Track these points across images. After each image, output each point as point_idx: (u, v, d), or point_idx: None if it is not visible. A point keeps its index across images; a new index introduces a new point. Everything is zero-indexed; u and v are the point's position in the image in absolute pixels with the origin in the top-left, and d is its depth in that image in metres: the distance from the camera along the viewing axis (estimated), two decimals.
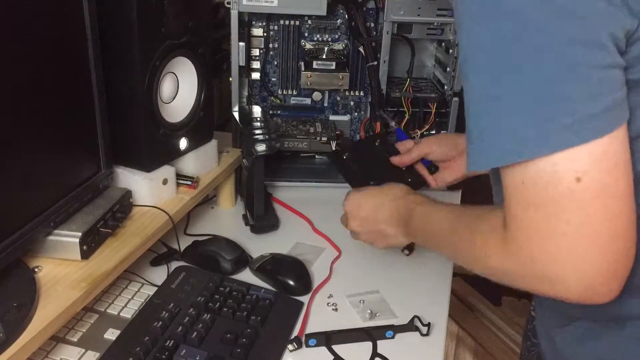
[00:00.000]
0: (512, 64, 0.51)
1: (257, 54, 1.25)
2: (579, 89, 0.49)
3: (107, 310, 0.86)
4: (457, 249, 0.68)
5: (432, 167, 1.11)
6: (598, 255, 0.51)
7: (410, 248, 1.04)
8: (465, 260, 0.65)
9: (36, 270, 0.78)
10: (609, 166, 0.50)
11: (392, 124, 1.23)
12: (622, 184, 0.51)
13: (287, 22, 1.24)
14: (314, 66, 1.23)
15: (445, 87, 1.27)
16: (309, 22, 1.25)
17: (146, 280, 0.93)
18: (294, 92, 1.30)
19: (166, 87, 0.95)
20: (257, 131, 1.04)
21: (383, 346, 0.84)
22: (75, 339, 0.80)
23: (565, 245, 0.51)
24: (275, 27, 1.25)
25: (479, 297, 2.02)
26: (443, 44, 1.29)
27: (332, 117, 1.33)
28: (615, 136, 0.50)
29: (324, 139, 1.26)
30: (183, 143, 1.00)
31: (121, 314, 0.85)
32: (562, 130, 0.50)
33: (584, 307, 0.55)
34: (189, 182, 1.01)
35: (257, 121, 1.07)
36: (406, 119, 1.26)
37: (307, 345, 0.82)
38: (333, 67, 1.23)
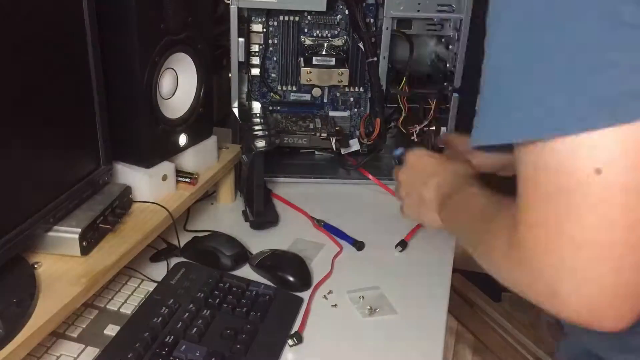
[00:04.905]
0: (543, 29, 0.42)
1: (257, 49, 1.25)
2: (622, 56, 0.40)
3: (107, 306, 0.86)
4: (475, 248, 0.59)
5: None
6: (609, 269, 0.41)
7: (403, 245, 1.05)
8: (482, 262, 0.56)
9: (36, 266, 0.78)
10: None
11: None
12: None
13: (286, 18, 1.24)
14: (314, 62, 1.22)
15: (445, 83, 1.26)
16: (309, 17, 1.25)
17: (146, 276, 0.93)
18: (294, 88, 1.30)
19: (165, 83, 0.95)
20: (257, 127, 1.04)
21: (383, 342, 0.84)
22: (75, 335, 0.80)
23: (570, 251, 0.42)
24: (275, 23, 1.24)
25: (478, 293, 2.02)
26: (443, 39, 1.29)
27: (331, 113, 1.33)
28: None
29: (324, 135, 1.26)
30: (182, 139, 1.00)
31: (121, 310, 0.85)
32: (593, 105, 0.40)
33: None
34: (188, 179, 1.01)
35: (256, 117, 1.07)
36: (403, 116, 1.25)
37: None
38: (333, 63, 1.23)
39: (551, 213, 0.43)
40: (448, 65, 1.24)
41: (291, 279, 0.93)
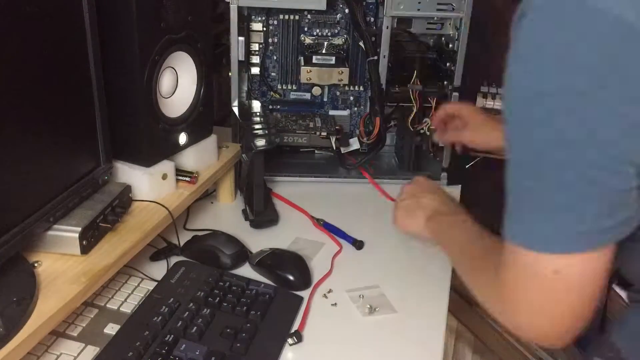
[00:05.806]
0: (541, 170, 0.56)
1: (257, 48, 1.25)
2: (591, 206, 0.55)
3: (107, 305, 0.86)
4: (465, 274, 0.75)
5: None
6: (549, 326, 0.61)
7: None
8: (465, 279, 0.74)
9: (36, 265, 0.78)
10: (588, 273, 0.58)
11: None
12: (587, 290, 0.59)
13: (286, 17, 1.24)
14: (314, 61, 1.23)
15: (445, 81, 1.26)
16: (309, 16, 1.25)
17: (146, 275, 0.93)
18: (294, 87, 1.30)
19: (165, 81, 0.95)
20: (257, 126, 1.04)
21: (383, 340, 0.84)
22: (75, 334, 0.80)
23: (529, 313, 0.62)
24: (275, 22, 1.24)
25: None
26: (443, 38, 1.29)
27: (331, 112, 1.33)
28: (602, 252, 0.57)
29: (324, 133, 1.26)
30: (182, 138, 1.00)
31: (121, 309, 0.85)
32: (568, 237, 0.57)
33: None
34: (188, 178, 1.01)
35: (256, 116, 1.08)
36: (414, 112, 1.25)
37: None
38: (333, 62, 1.23)
39: (521, 291, 0.61)
40: (448, 64, 1.24)
41: (291, 277, 0.93)
